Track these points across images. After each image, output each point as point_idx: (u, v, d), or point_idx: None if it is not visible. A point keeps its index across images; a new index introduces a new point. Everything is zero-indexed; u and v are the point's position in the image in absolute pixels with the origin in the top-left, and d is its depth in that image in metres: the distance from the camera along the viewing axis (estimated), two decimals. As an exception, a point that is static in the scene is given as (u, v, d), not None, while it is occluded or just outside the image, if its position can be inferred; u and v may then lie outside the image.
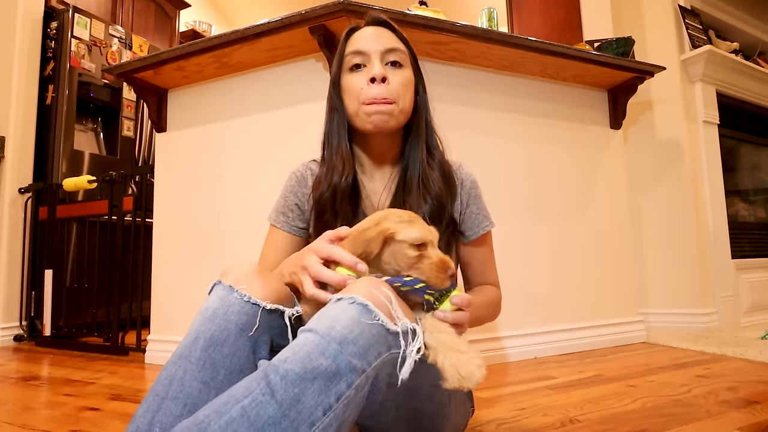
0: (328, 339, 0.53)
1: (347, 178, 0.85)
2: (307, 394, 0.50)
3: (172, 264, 1.92)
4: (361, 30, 0.90)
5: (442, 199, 0.86)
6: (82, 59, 2.77)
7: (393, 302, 0.60)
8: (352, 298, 0.58)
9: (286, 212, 0.93)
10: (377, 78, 0.83)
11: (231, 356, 0.61)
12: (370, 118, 0.84)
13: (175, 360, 0.60)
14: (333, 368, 0.52)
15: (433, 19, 1.61)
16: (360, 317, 0.56)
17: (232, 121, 1.87)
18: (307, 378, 0.51)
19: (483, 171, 1.87)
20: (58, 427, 1.08)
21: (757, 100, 2.88)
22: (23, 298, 2.55)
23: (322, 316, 0.57)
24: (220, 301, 0.64)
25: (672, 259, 2.39)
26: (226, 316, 0.63)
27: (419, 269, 0.65)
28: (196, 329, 0.62)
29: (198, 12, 4.56)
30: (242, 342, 0.62)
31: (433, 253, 0.66)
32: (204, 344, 0.61)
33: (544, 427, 1.01)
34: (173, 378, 0.58)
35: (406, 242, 0.65)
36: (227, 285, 0.65)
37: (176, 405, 0.56)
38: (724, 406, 1.11)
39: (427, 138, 0.91)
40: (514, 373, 1.57)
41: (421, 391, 0.68)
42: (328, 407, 0.51)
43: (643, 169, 2.48)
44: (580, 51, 1.88)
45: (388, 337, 0.57)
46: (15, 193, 2.55)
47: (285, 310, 0.67)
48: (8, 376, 1.67)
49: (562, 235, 1.96)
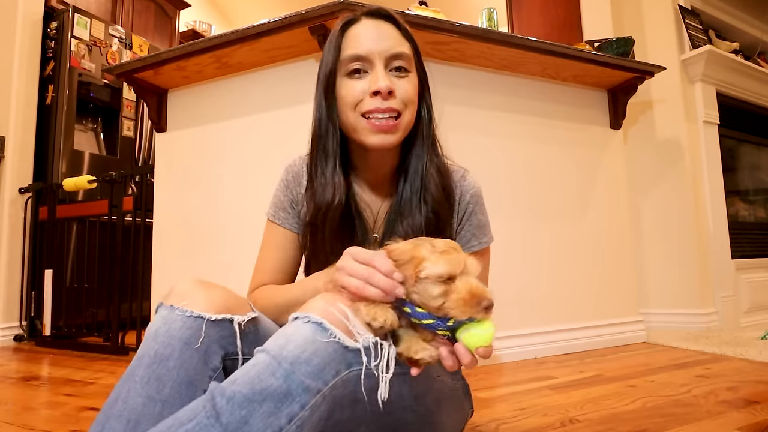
0: (279, 359, 0.52)
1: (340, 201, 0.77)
2: (254, 416, 0.49)
3: (172, 264, 1.92)
4: (359, 24, 0.78)
5: (441, 214, 0.79)
6: (82, 59, 2.77)
7: (350, 318, 0.58)
8: (306, 316, 0.56)
9: (286, 208, 0.87)
10: (383, 92, 0.73)
11: (177, 369, 0.60)
12: (371, 139, 0.76)
13: (120, 382, 0.60)
14: (284, 389, 0.50)
15: (433, 19, 1.61)
16: (314, 336, 0.54)
17: (232, 121, 1.87)
18: (255, 400, 0.49)
19: (483, 171, 1.87)
20: (58, 427, 1.08)
21: (757, 100, 2.89)
22: (23, 298, 2.55)
23: (278, 335, 0.56)
24: (162, 320, 0.64)
25: (672, 259, 2.39)
26: (168, 333, 0.62)
27: (446, 308, 0.58)
28: (140, 351, 0.62)
29: (198, 12, 4.56)
30: (188, 355, 0.62)
31: (462, 285, 0.58)
32: (148, 362, 0.60)
33: (544, 427, 1.01)
34: (118, 397, 0.58)
35: (429, 279, 0.58)
36: (168, 305, 0.65)
37: (119, 423, 0.56)
38: (724, 406, 1.11)
39: (430, 148, 0.82)
40: (514, 373, 1.57)
41: (399, 404, 0.66)
42: (279, 429, 0.49)
43: (643, 169, 2.48)
44: (580, 51, 1.88)
45: (347, 354, 0.55)
46: (15, 193, 2.55)
47: (234, 318, 0.66)
48: (8, 376, 1.67)
49: (562, 235, 1.96)
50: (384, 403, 0.57)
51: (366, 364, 0.56)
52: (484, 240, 0.87)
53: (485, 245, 0.87)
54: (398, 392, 0.63)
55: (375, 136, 0.76)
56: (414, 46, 0.81)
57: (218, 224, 1.84)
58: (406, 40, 0.79)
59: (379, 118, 0.75)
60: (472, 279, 0.60)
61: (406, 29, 0.80)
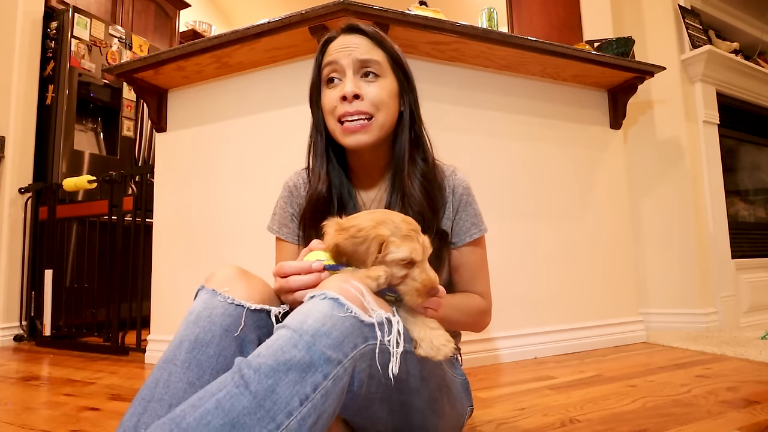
0: (300, 332, 0.54)
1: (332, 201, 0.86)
2: (281, 384, 0.51)
3: (172, 264, 1.92)
4: (335, 40, 0.87)
5: (425, 215, 0.84)
6: (82, 59, 2.77)
7: (365, 294, 0.60)
8: (323, 294, 0.58)
9: (287, 223, 0.94)
10: (348, 96, 0.82)
11: (217, 356, 0.62)
12: (345, 141, 0.84)
13: (160, 364, 0.61)
14: (307, 359, 0.52)
15: (433, 19, 1.61)
16: (332, 311, 0.56)
17: (232, 121, 1.87)
18: (280, 370, 0.51)
19: (483, 171, 1.88)
20: (58, 427, 1.08)
21: (757, 100, 2.88)
22: (23, 298, 2.55)
23: (296, 313, 0.58)
24: (203, 304, 0.65)
25: (672, 259, 2.39)
26: (210, 318, 0.64)
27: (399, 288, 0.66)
28: (181, 333, 0.64)
29: (198, 12, 4.56)
30: (228, 342, 0.63)
31: (419, 274, 0.66)
32: (189, 347, 0.62)
33: (544, 427, 1.01)
34: (158, 381, 0.59)
35: (393, 261, 0.65)
36: (211, 289, 0.67)
37: (161, 406, 0.57)
38: (724, 406, 1.11)
39: (413, 148, 0.88)
40: (514, 373, 1.57)
41: (407, 384, 0.68)
42: (305, 397, 0.51)
43: (643, 169, 2.48)
44: (580, 51, 1.88)
45: (363, 329, 0.58)
46: (15, 193, 2.55)
47: (271, 309, 0.68)
48: (8, 376, 1.67)
49: (563, 235, 1.96)
50: (395, 379, 0.60)
51: (380, 339, 0.59)
52: (483, 228, 0.94)
53: (484, 232, 0.94)
54: (407, 371, 0.65)
55: (348, 138, 0.84)
56: (388, 54, 0.87)
57: (218, 224, 1.84)
58: (378, 48, 0.86)
59: (349, 121, 0.83)
60: (428, 267, 0.67)
61: (379, 39, 0.86)
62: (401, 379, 0.63)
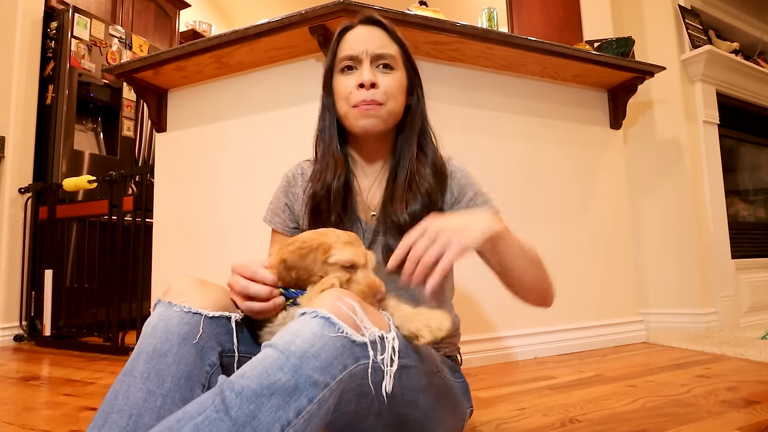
0: (287, 354, 0.52)
1: (339, 178, 0.87)
2: (263, 410, 0.49)
3: (172, 264, 1.92)
4: (353, 30, 0.90)
5: (432, 195, 0.86)
6: (82, 59, 2.77)
7: (358, 312, 0.59)
8: (314, 311, 0.57)
9: (278, 213, 0.96)
10: (366, 84, 0.84)
11: (176, 364, 0.61)
12: (359, 123, 0.86)
13: (119, 377, 0.61)
14: (292, 383, 0.51)
15: (433, 19, 1.61)
16: (322, 330, 0.55)
17: (232, 121, 1.87)
18: (263, 394, 0.50)
19: (483, 171, 1.86)
20: (58, 427, 1.08)
21: (757, 100, 2.88)
22: (23, 298, 2.54)
23: (284, 331, 0.56)
24: (158, 317, 0.65)
25: (672, 259, 2.39)
26: (166, 328, 0.63)
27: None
28: (138, 346, 0.63)
29: (198, 12, 4.56)
30: (186, 350, 0.62)
31: (362, 277, 0.67)
32: (146, 357, 0.61)
33: (544, 427, 1.01)
34: (118, 393, 0.59)
35: (337, 264, 0.66)
36: (166, 301, 0.66)
37: (121, 417, 0.56)
38: (724, 406, 1.11)
39: (420, 137, 0.91)
40: (514, 373, 1.57)
41: (403, 398, 0.67)
42: (287, 423, 0.50)
43: (643, 169, 2.48)
44: (580, 51, 1.88)
45: (354, 349, 0.56)
46: (15, 193, 2.55)
47: (231, 316, 0.68)
48: (8, 376, 1.67)
49: (562, 235, 1.96)
50: (389, 396, 0.59)
51: (373, 358, 0.58)
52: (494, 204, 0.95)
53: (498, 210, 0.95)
54: (402, 385, 0.65)
55: (362, 120, 0.86)
56: (402, 49, 0.91)
57: (218, 224, 1.84)
58: (394, 42, 0.90)
59: (364, 106, 0.85)
60: (370, 273, 0.69)
61: (395, 34, 0.91)
62: (396, 393, 0.62)
